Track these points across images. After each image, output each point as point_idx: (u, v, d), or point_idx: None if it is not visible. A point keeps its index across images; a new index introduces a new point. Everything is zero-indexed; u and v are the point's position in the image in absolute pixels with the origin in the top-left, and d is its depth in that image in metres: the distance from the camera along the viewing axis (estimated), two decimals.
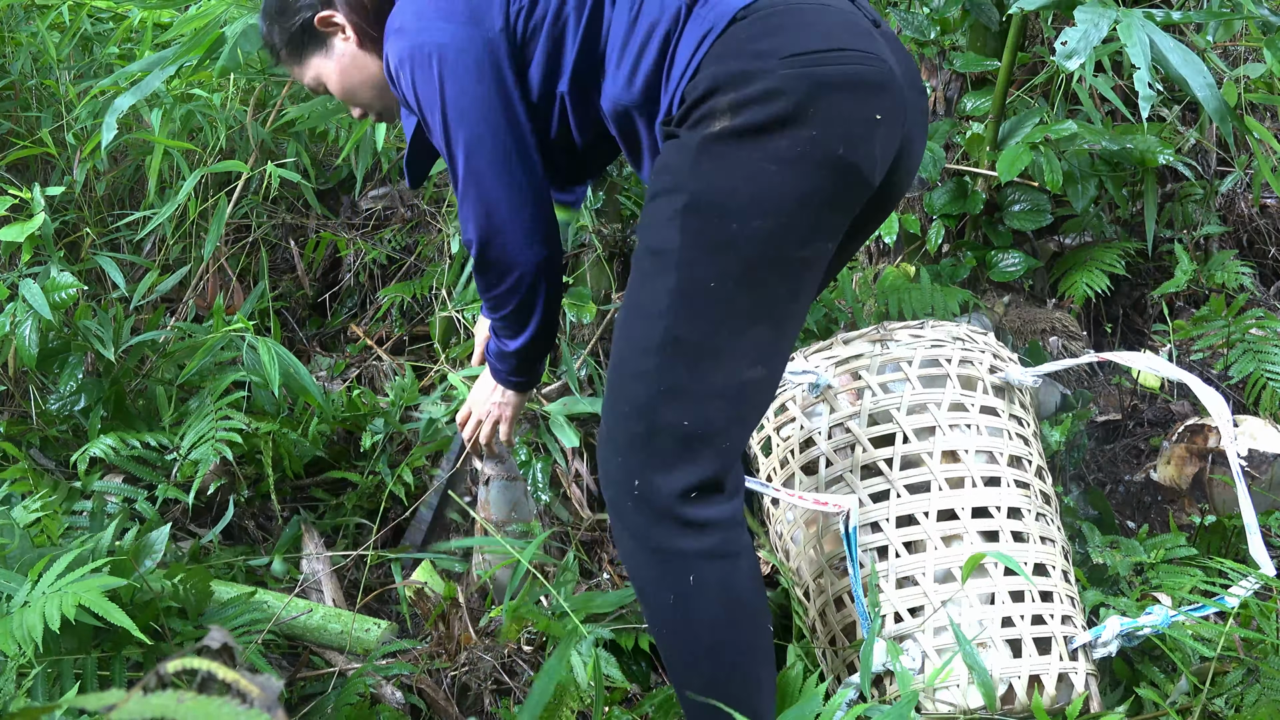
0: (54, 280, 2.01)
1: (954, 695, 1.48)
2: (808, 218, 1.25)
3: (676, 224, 1.24)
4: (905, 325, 1.73)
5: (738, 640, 1.32)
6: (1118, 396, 2.72)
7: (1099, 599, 1.76)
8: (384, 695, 1.72)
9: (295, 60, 1.58)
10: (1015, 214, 2.78)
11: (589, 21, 1.35)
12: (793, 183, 1.22)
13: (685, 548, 1.27)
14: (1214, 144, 3.15)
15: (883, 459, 1.61)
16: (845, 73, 1.24)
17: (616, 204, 2.62)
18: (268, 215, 2.77)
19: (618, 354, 1.31)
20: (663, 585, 1.29)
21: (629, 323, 1.30)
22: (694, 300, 1.24)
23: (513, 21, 1.37)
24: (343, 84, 1.56)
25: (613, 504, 1.32)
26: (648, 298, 1.27)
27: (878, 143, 1.27)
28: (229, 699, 0.57)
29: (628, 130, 1.40)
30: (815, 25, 1.26)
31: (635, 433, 1.28)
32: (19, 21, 2.49)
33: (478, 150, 1.38)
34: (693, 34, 1.29)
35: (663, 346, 1.25)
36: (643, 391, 1.27)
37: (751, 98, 1.21)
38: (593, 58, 1.37)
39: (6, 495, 1.88)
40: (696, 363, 1.25)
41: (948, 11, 2.76)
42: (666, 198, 1.26)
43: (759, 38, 1.25)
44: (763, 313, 1.26)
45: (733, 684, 1.32)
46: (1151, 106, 1.74)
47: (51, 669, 1.44)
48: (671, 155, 1.27)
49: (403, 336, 2.68)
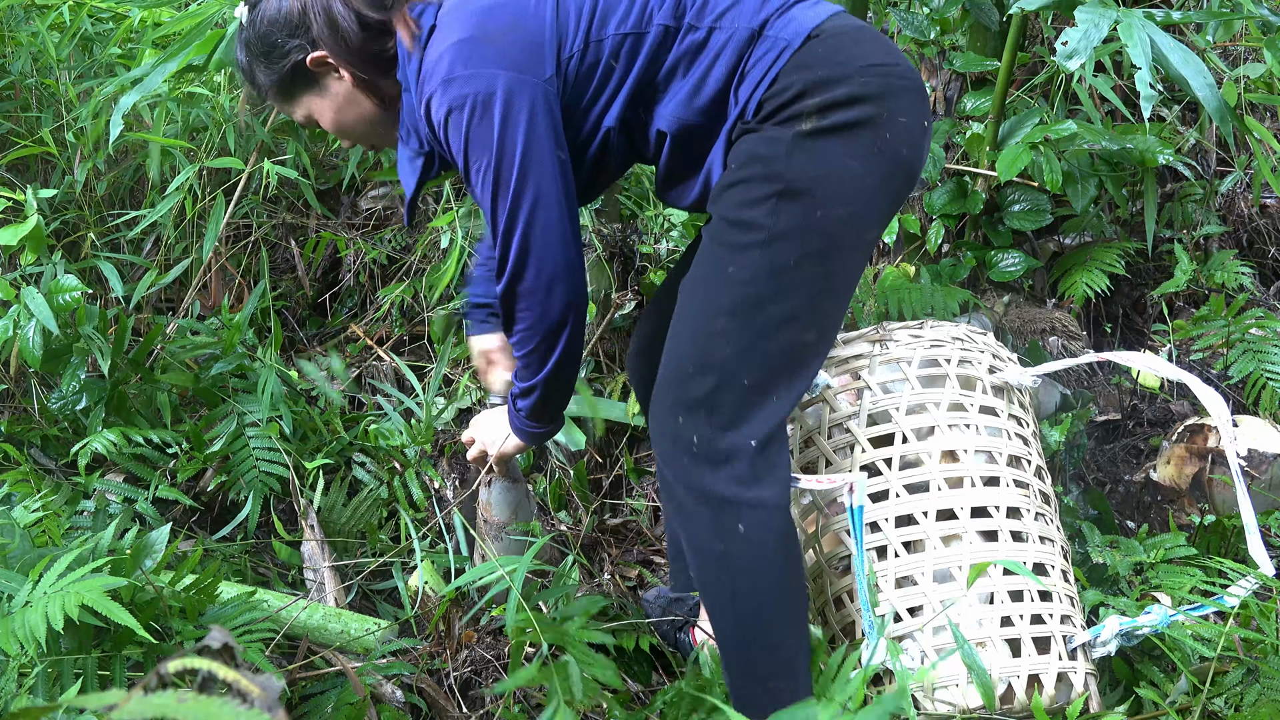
0: (57, 283, 2.02)
1: (953, 695, 1.48)
2: (876, 207, 1.42)
3: (769, 206, 1.38)
4: (905, 325, 1.73)
5: (785, 589, 1.43)
6: (1117, 396, 2.72)
7: (1099, 599, 1.76)
8: (384, 695, 1.72)
9: (284, 100, 1.58)
10: (1015, 214, 2.78)
11: (647, 61, 1.45)
12: (870, 176, 1.39)
13: (741, 496, 1.39)
14: (1214, 144, 3.15)
15: (882, 459, 1.62)
16: (907, 84, 1.43)
17: (616, 204, 2.62)
18: (268, 215, 2.77)
19: (689, 316, 1.44)
20: (715, 535, 1.41)
21: (704, 290, 1.43)
22: (777, 274, 1.38)
23: (564, 68, 1.44)
24: (338, 121, 1.58)
25: (666, 458, 1.44)
26: (730, 268, 1.40)
27: (925, 145, 1.47)
28: (230, 699, 0.57)
29: (686, 144, 1.48)
30: (876, 43, 1.44)
31: (701, 389, 1.40)
32: (19, 21, 2.49)
33: (539, 198, 1.44)
34: (765, 51, 1.42)
35: (737, 310, 1.39)
36: (715, 350, 1.40)
37: (839, 100, 1.38)
38: (649, 90, 1.47)
39: (7, 495, 1.88)
40: (765, 327, 1.39)
41: (948, 11, 2.76)
42: (756, 184, 1.39)
43: (836, 50, 1.41)
44: (830, 286, 1.42)
45: (780, 630, 1.43)
46: (1152, 106, 1.74)
47: (52, 669, 1.44)
48: (760, 147, 1.40)
49: (403, 336, 2.68)
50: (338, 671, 1.73)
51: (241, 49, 1.57)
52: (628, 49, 1.44)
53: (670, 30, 1.45)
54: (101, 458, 2.15)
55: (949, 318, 2.43)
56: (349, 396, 2.51)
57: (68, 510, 1.90)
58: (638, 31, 1.44)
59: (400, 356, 2.58)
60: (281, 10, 1.50)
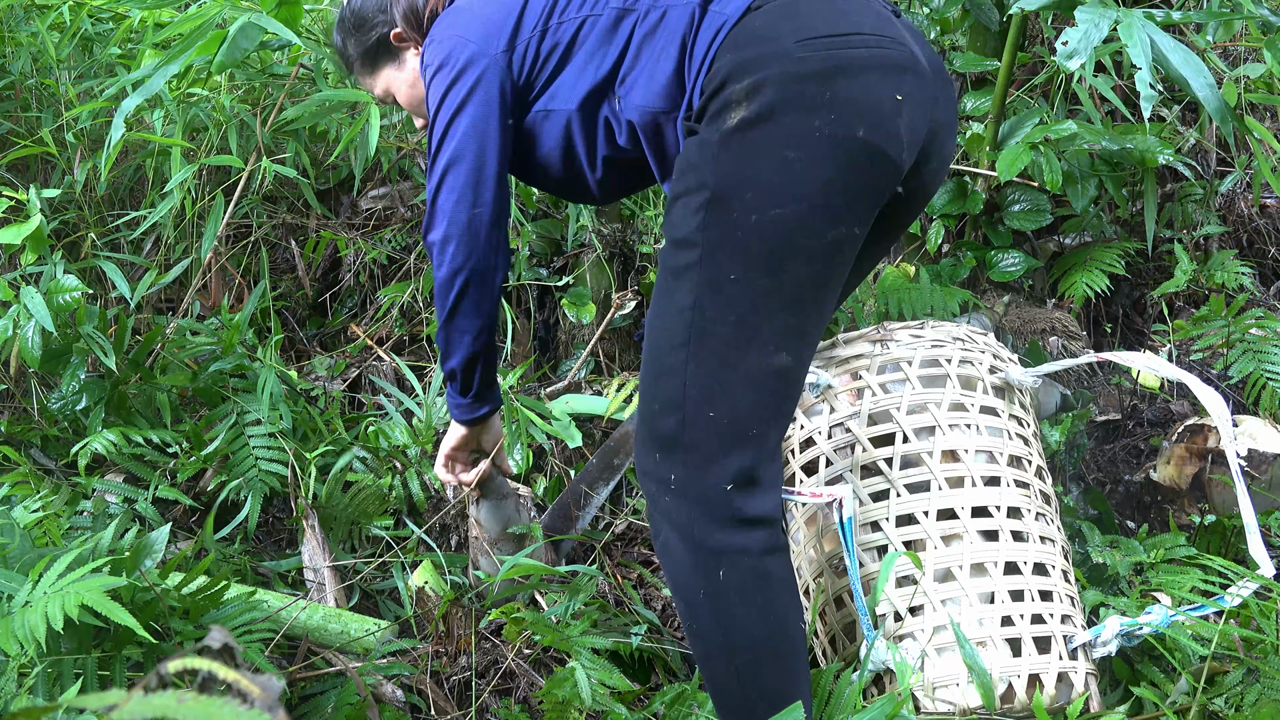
0: (57, 283, 2.02)
1: (953, 694, 1.48)
2: (831, 202, 1.24)
3: (699, 219, 1.26)
4: (905, 325, 1.73)
5: (770, 638, 1.33)
6: (1117, 396, 2.72)
7: (1099, 599, 1.76)
8: (384, 695, 1.72)
9: (368, 71, 1.71)
10: (1015, 214, 2.78)
11: (599, 46, 1.42)
12: (813, 168, 1.22)
13: (721, 542, 1.29)
14: (1214, 144, 3.15)
15: (882, 458, 1.62)
16: (862, 55, 1.24)
17: (617, 204, 2.62)
18: (268, 215, 2.77)
19: (648, 353, 1.34)
20: (695, 580, 1.31)
21: (657, 322, 1.33)
22: (719, 292, 1.26)
23: (521, 46, 1.47)
24: (412, 95, 1.68)
25: (651, 498, 1.35)
26: (675, 295, 1.29)
27: (903, 124, 1.26)
28: (230, 699, 0.57)
29: (657, 140, 1.42)
30: (828, 11, 1.27)
31: (668, 428, 1.30)
32: (19, 21, 2.49)
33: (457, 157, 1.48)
34: (708, 29, 1.32)
35: (689, 341, 1.27)
36: (673, 387, 1.29)
37: (766, 80, 1.22)
38: (613, 76, 1.42)
39: (7, 496, 1.88)
40: (724, 354, 1.27)
41: (948, 11, 2.76)
42: (690, 196, 1.28)
43: (772, 24, 1.26)
44: (788, 301, 1.27)
45: (767, 682, 1.33)
46: (1152, 106, 1.74)
47: (52, 669, 1.44)
48: (692, 153, 1.29)
49: (403, 336, 2.68)
50: (338, 672, 1.73)
51: (338, 28, 1.73)
52: (584, 33, 1.43)
53: (624, 13, 1.40)
54: (101, 458, 2.15)
55: (949, 318, 2.44)
56: (349, 396, 2.51)
57: (68, 511, 1.90)
58: (592, 14, 1.42)
59: (400, 356, 2.58)
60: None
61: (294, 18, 2.08)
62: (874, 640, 1.51)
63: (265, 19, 1.99)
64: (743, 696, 1.33)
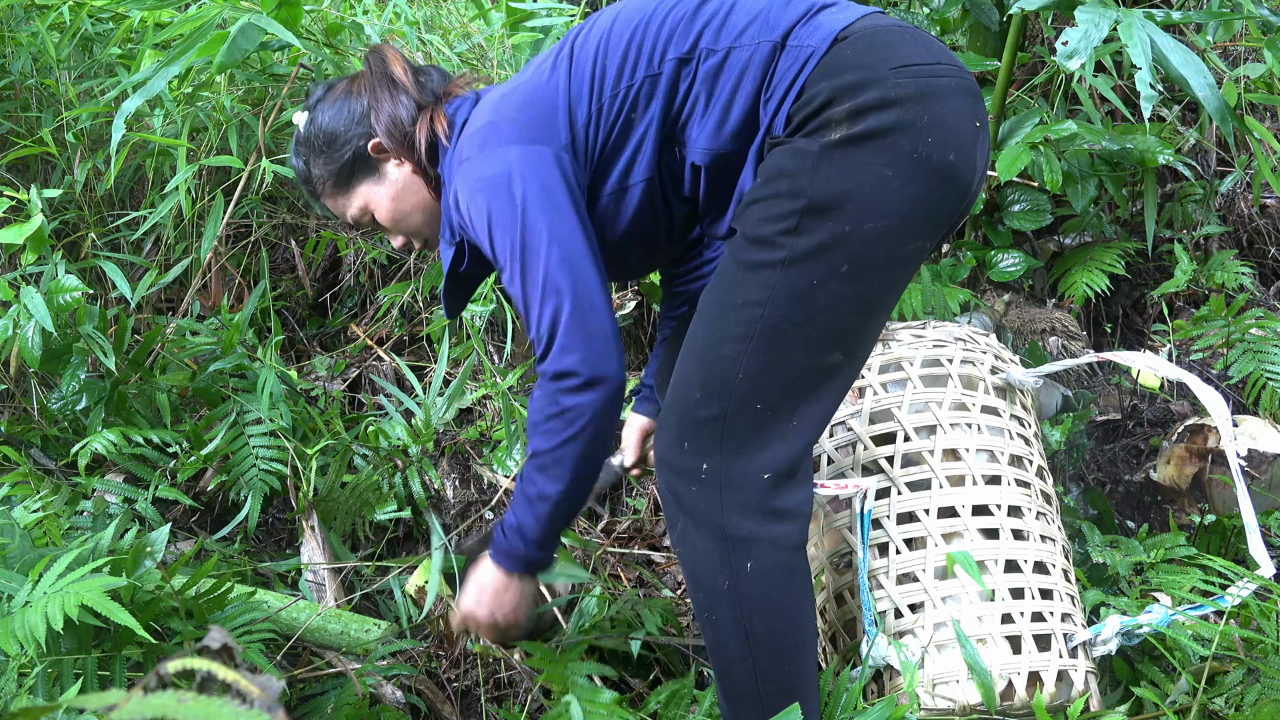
0: (58, 283, 2.02)
1: (953, 691, 1.49)
2: (916, 220, 1.31)
3: (788, 223, 1.29)
4: (907, 325, 1.73)
5: (788, 630, 1.36)
6: (1118, 396, 2.72)
7: (1099, 598, 1.76)
8: (384, 695, 1.72)
9: (341, 191, 1.57)
10: (1015, 214, 2.78)
11: (665, 101, 1.39)
12: (907, 187, 1.28)
13: (752, 532, 1.32)
14: (1214, 144, 3.15)
15: (884, 456, 1.62)
16: (948, 84, 1.32)
17: None
18: (268, 215, 2.77)
19: (698, 341, 1.35)
20: (719, 570, 1.33)
21: (715, 311, 1.35)
22: (796, 294, 1.29)
23: (583, 133, 1.41)
24: (395, 210, 1.56)
25: (671, 490, 1.35)
26: (743, 289, 1.32)
27: (979, 150, 1.34)
28: (229, 699, 0.57)
29: (722, 175, 1.41)
30: (912, 42, 1.34)
31: (707, 414, 1.32)
32: (19, 21, 2.49)
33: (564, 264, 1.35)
34: (790, 62, 1.34)
35: (751, 335, 1.30)
36: (722, 376, 1.31)
37: (869, 105, 1.27)
38: (674, 128, 1.40)
39: (7, 496, 1.88)
40: (785, 351, 1.30)
41: (948, 11, 2.76)
42: (779, 200, 1.30)
43: (866, 53, 1.31)
44: (858, 307, 1.32)
45: (781, 675, 1.36)
46: (1152, 106, 1.74)
47: (52, 669, 1.44)
48: (786, 161, 1.31)
49: (403, 336, 2.68)
50: (338, 672, 1.73)
51: (298, 151, 1.59)
52: (644, 95, 1.39)
53: (683, 62, 1.38)
54: (101, 458, 2.15)
55: (949, 318, 2.44)
56: (349, 396, 2.51)
57: (68, 511, 1.90)
58: (650, 74, 1.39)
59: (400, 356, 2.58)
60: (346, 101, 1.54)
61: (294, 18, 2.08)
62: (875, 637, 1.51)
63: (265, 20, 1.99)
64: (753, 687, 1.35)
